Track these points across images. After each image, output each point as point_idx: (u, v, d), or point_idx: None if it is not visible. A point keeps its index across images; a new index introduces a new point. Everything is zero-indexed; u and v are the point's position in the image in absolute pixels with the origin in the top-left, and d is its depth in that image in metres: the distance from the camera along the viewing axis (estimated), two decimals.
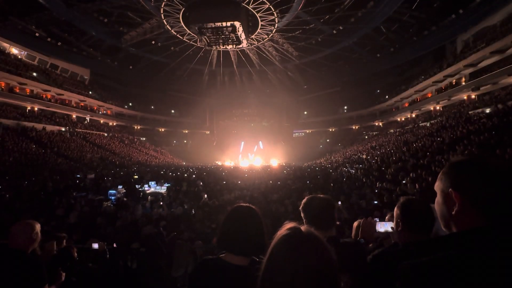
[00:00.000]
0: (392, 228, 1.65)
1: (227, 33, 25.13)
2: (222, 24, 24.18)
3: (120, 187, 10.49)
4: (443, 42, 27.14)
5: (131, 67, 35.92)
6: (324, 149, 40.31)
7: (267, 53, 33.65)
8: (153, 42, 30.54)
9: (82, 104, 33.70)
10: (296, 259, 0.68)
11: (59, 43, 28.25)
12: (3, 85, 25.31)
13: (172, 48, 32.37)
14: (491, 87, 21.57)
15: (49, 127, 26.40)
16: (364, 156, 21.16)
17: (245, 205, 1.27)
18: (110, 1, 23.41)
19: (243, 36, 26.20)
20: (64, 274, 2.19)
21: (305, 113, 48.47)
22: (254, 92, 45.60)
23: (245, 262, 1.16)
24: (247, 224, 1.19)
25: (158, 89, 42.98)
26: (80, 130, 30.39)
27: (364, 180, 11.35)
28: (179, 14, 24.81)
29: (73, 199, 8.18)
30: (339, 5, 23.99)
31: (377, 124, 39.35)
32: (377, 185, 9.43)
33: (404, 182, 8.86)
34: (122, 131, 38.52)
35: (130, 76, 38.19)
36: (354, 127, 42.66)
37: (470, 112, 19.75)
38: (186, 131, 48.16)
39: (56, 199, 7.94)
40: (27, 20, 24.72)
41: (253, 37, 28.97)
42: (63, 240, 3.16)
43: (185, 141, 47.81)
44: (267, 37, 29.23)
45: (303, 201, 1.60)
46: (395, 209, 1.39)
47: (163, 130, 46.31)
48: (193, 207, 7.02)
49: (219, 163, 35.72)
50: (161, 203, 7.39)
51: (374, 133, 36.47)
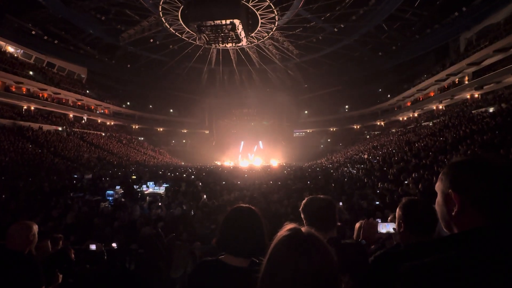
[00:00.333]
0: (394, 229, 1.65)
1: (226, 31, 25.10)
2: (221, 22, 24.14)
3: (118, 187, 10.48)
4: (446, 40, 27.10)
5: (129, 66, 35.90)
6: (325, 149, 40.36)
7: (267, 51, 33.64)
8: (152, 40, 30.53)
9: (79, 103, 33.65)
10: (296, 260, 0.68)
11: (56, 41, 28.24)
12: None
13: (170, 46, 32.36)
14: (495, 86, 21.56)
15: (46, 127, 26.38)
16: (365, 156, 21.16)
17: (244, 205, 1.27)
18: None
19: (243, 34, 26.17)
20: (61, 275, 2.19)
21: (306, 112, 48.45)
22: (254, 91, 45.56)
23: (245, 263, 1.16)
24: (247, 225, 1.19)
25: (156, 88, 42.93)
26: (77, 129, 30.36)
27: (365, 180, 11.35)
28: (178, 11, 24.81)
29: (70, 199, 8.18)
30: (340, 2, 23.99)
31: (378, 123, 39.36)
32: (379, 186, 9.45)
33: (406, 182, 8.88)
34: (120, 131, 38.50)
35: (128, 75, 38.13)
36: (355, 127, 42.66)
37: (473, 111, 19.76)
38: (185, 131, 48.14)
39: (53, 199, 7.94)
40: (24, 18, 24.71)
41: (253, 35, 28.95)
42: (60, 241, 3.17)
43: (184, 141, 47.78)
44: (267, 35, 29.23)
45: (304, 201, 1.60)
46: (397, 210, 1.40)
47: (161, 129, 46.28)
48: (192, 208, 7.03)
49: (219, 163, 35.77)
50: (160, 204, 7.39)
51: (375, 133, 36.52)
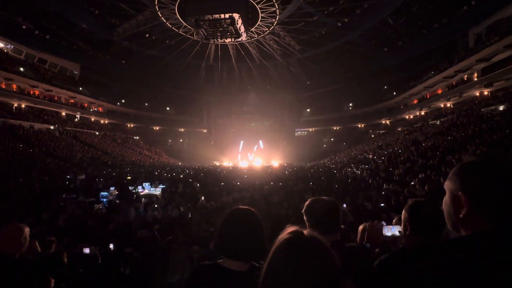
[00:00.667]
0: (399, 232, 1.65)
1: (225, 26, 25.08)
2: (220, 16, 24.13)
3: (112, 188, 10.52)
4: (454, 35, 27.09)
5: (123, 62, 35.86)
6: (327, 149, 40.41)
7: (267, 47, 33.61)
8: (147, 35, 30.49)
9: (72, 101, 33.64)
10: (298, 264, 0.68)
11: (48, 36, 28.17)
12: None
13: (167, 41, 32.34)
14: (505, 83, 21.54)
15: (37, 125, 26.37)
16: (370, 156, 21.17)
17: (244, 207, 1.28)
18: None
19: (242, 29, 26.15)
20: (53, 280, 2.20)
21: (308, 110, 48.46)
22: (254, 88, 45.57)
23: (244, 267, 1.17)
24: (247, 227, 1.19)
25: (152, 85, 42.91)
26: (70, 128, 30.36)
27: (370, 181, 11.36)
28: (175, 5, 24.77)
29: (63, 201, 8.19)
30: None
31: (384, 122, 39.36)
32: (384, 187, 9.45)
33: (412, 183, 8.88)
34: (114, 130, 38.52)
35: (122, 71, 38.12)
36: (359, 126, 42.65)
37: (482, 109, 19.75)
38: (182, 130, 48.14)
39: (44, 201, 7.94)
40: (14, 11, 24.64)
41: (253, 30, 28.93)
42: (52, 244, 3.17)
43: (181, 140, 47.81)
44: (267, 30, 29.20)
45: (306, 203, 1.61)
46: (403, 212, 1.40)
47: (157, 128, 46.28)
48: (189, 210, 7.03)
49: (217, 164, 35.81)
50: (156, 206, 7.40)
51: (380, 132, 36.53)
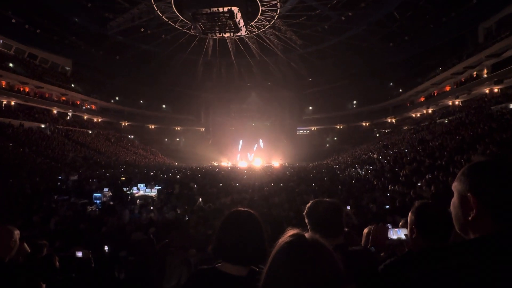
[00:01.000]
0: (405, 235, 1.66)
1: (224, 20, 25.06)
2: (218, 9, 24.10)
3: (106, 190, 10.51)
4: (463, 30, 27.06)
5: (117, 58, 35.86)
6: (331, 148, 40.40)
7: (268, 42, 33.59)
8: (142, 29, 30.45)
9: (63, 98, 33.65)
10: (299, 269, 0.68)
11: (38, 31, 28.16)
12: None
13: (163, 36, 32.31)
14: None
15: (27, 124, 26.38)
16: (375, 156, 21.18)
17: (243, 209, 1.28)
18: None
19: (242, 23, 26.12)
20: (44, 285, 2.19)
21: (310, 108, 48.46)
22: (254, 85, 45.53)
23: (244, 272, 1.17)
24: (246, 230, 1.19)
25: (147, 82, 42.87)
26: (61, 126, 30.35)
27: (375, 182, 11.36)
28: None
29: (54, 202, 8.19)
30: None
31: (389, 120, 39.38)
32: (390, 188, 9.45)
33: (419, 184, 8.88)
34: (108, 128, 38.52)
35: (116, 67, 38.08)
36: (364, 124, 42.69)
37: (492, 107, 19.75)
38: (178, 128, 48.17)
39: (35, 203, 7.94)
40: (3, 5, 24.60)
41: (252, 24, 28.90)
42: (44, 248, 3.17)
43: (178, 139, 47.82)
44: (268, 24, 29.16)
45: (308, 205, 1.61)
46: (409, 214, 1.40)
47: (153, 127, 46.32)
48: (186, 212, 7.04)
49: (215, 164, 35.83)
50: (151, 208, 7.40)
51: (386, 131, 36.55)
